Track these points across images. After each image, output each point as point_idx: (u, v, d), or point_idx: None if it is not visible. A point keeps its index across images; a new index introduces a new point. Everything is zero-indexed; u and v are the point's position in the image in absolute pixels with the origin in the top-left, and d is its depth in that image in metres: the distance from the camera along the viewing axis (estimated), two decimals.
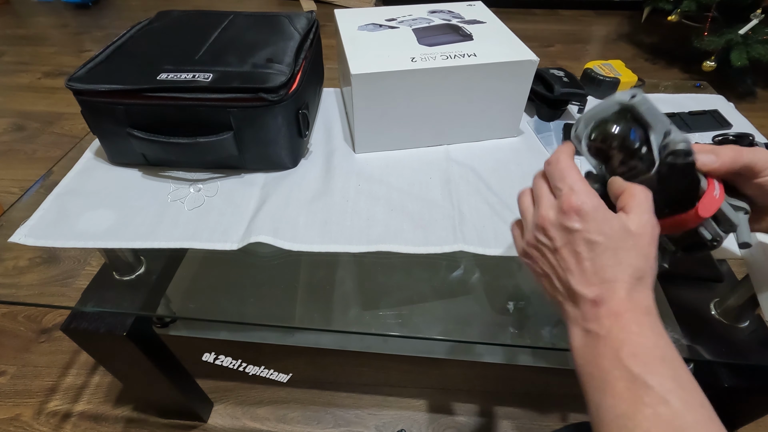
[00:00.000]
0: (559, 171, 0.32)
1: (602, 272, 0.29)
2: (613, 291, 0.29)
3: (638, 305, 0.28)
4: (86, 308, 0.49)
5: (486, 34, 0.64)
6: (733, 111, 0.73)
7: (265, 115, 0.52)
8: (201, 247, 0.50)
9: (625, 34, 2.26)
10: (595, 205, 0.30)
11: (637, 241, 0.29)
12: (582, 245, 0.30)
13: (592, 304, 0.29)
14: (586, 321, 0.29)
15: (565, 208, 0.30)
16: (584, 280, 0.30)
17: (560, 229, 0.31)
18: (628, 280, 0.29)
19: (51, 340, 0.93)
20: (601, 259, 0.29)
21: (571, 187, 0.31)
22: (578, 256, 0.30)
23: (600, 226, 0.29)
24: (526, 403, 0.85)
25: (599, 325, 0.28)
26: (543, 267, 0.33)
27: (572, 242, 0.30)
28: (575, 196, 0.30)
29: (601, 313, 0.29)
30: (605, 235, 0.29)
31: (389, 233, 0.51)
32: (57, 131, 1.54)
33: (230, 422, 0.81)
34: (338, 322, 0.50)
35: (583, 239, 0.30)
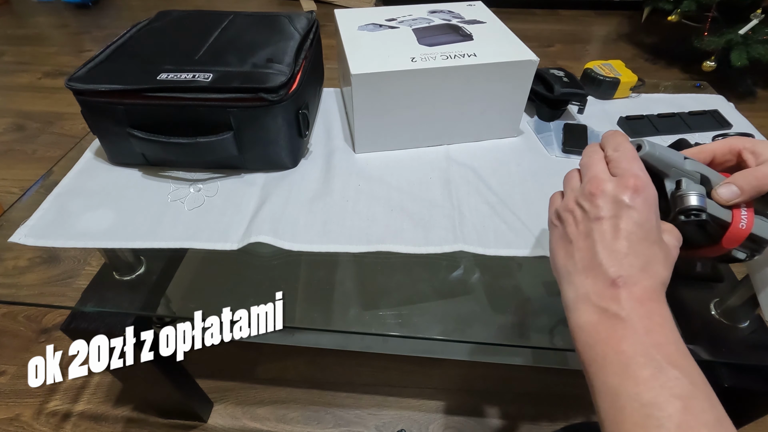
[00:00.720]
0: (625, 152, 0.32)
1: (633, 257, 0.29)
2: (639, 279, 0.28)
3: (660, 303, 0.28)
4: (86, 308, 0.49)
5: (486, 34, 0.64)
6: (733, 111, 0.73)
7: (265, 115, 0.52)
8: (201, 247, 0.50)
9: (625, 34, 2.26)
10: (655, 196, 0.30)
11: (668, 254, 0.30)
12: (628, 223, 0.29)
13: (611, 283, 0.28)
14: (602, 299, 0.28)
15: (628, 184, 0.30)
16: (613, 258, 0.29)
17: (612, 201, 0.30)
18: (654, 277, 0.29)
19: (51, 340, 0.93)
20: (639, 245, 0.29)
21: (636, 170, 0.30)
22: (619, 232, 0.29)
23: (651, 217, 0.29)
24: (526, 403, 0.85)
25: (619, 306, 0.28)
26: (571, 231, 0.32)
27: (620, 217, 0.29)
28: (640, 179, 0.30)
29: (621, 294, 0.28)
30: (651, 228, 0.29)
31: (389, 233, 0.51)
32: (57, 131, 1.54)
33: (230, 422, 0.81)
34: (338, 322, 0.50)
35: (632, 219, 0.29)
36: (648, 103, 0.75)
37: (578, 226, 0.31)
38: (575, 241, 0.31)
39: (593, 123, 0.68)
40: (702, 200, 0.32)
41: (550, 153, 0.63)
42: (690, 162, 0.34)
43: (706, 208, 0.32)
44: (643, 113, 0.70)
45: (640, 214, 0.29)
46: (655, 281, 0.29)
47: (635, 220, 0.29)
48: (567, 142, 0.64)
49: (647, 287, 0.28)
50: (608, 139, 0.34)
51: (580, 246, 0.31)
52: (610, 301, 0.28)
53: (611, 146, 0.33)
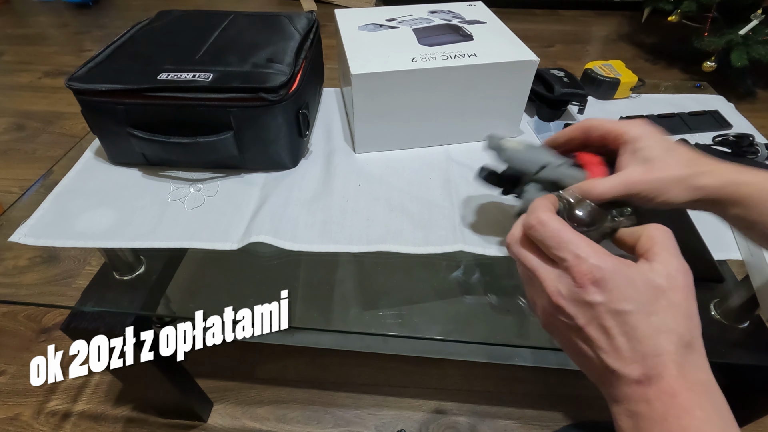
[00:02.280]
0: (555, 236, 0.27)
1: (641, 346, 0.24)
2: (662, 367, 0.24)
3: (695, 381, 0.24)
4: (86, 308, 0.49)
5: (486, 34, 0.64)
6: (734, 111, 0.73)
7: (265, 115, 0.52)
8: (201, 247, 0.50)
9: (625, 35, 2.26)
10: (612, 268, 0.25)
11: (672, 298, 0.25)
12: (609, 319, 0.25)
13: (637, 384, 0.24)
14: (632, 402, 0.25)
15: (578, 280, 0.25)
16: (621, 358, 0.25)
17: (579, 306, 0.26)
18: (675, 350, 0.24)
19: (51, 339, 0.93)
20: (636, 331, 0.24)
21: (576, 254, 0.26)
22: (608, 332, 0.25)
23: (625, 292, 0.25)
24: (526, 403, 0.85)
25: (650, 408, 0.24)
26: (569, 347, 0.28)
27: (597, 318, 0.25)
28: (585, 263, 0.25)
29: (650, 394, 0.24)
30: (634, 301, 0.25)
31: (389, 233, 0.51)
32: (57, 131, 1.54)
33: (230, 422, 0.81)
34: (338, 322, 0.50)
35: (609, 311, 0.25)
36: (648, 103, 0.75)
37: (571, 338, 0.27)
38: (576, 355, 0.28)
39: None
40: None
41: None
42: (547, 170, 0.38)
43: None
44: (643, 114, 0.70)
45: (613, 300, 0.25)
46: (678, 353, 0.24)
47: (615, 309, 0.25)
48: None
49: (674, 374, 0.24)
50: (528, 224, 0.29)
51: (587, 356, 0.27)
52: (640, 404, 0.24)
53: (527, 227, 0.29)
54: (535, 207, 0.29)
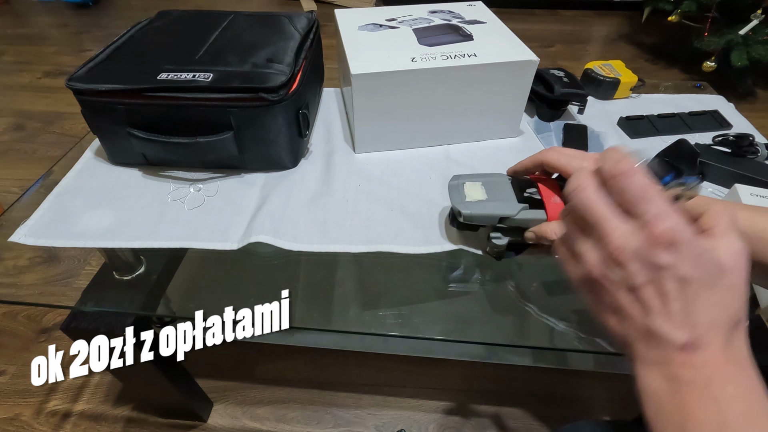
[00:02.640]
0: (638, 190, 0.25)
1: (696, 315, 0.24)
2: (711, 338, 0.24)
3: (739, 357, 0.25)
4: (86, 308, 0.49)
5: (486, 34, 0.64)
6: (734, 111, 0.73)
7: (265, 115, 0.52)
8: (201, 247, 0.50)
9: (625, 35, 2.26)
10: (688, 236, 0.24)
11: (731, 279, 0.25)
12: (672, 283, 0.24)
13: (682, 349, 0.24)
14: (673, 365, 0.25)
15: (653, 239, 0.24)
16: (672, 322, 0.25)
17: (644, 264, 0.25)
18: (726, 327, 0.25)
19: (51, 339, 0.93)
20: (695, 300, 0.24)
21: (658, 212, 0.24)
22: (665, 296, 0.25)
23: (697, 260, 0.24)
24: (526, 403, 0.85)
25: (694, 374, 0.24)
26: (610, 303, 0.27)
27: (659, 279, 0.25)
28: (665, 224, 0.24)
29: (695, 361, 0.24)
30: (701, 271, 0.24)
31: (389, 233, 0.51)
32: (57, 131, 1.54)
33: (230, 422, 0.81)
34: (338, 322, 0.50)
35: (675, 276, 0.24)
36: (648, 103, 0.75)
37: (617, 296, 0.26)
38: (620, 311, 0.27)
39: (593, 123, 0.68)
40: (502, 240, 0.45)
41: None
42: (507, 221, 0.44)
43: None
44: (643, 114, 0.70)
45: (683, 266, 0.24)
46: (727, 330, 0.25)
47: (682, 276, 0.24)
48: (567, 142, 0.64)
49: (721, 346, 0.24)
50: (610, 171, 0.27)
51: (629, 315, 0.26)
52: (683, 368, 0.25)
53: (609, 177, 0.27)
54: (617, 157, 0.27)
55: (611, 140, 0.66)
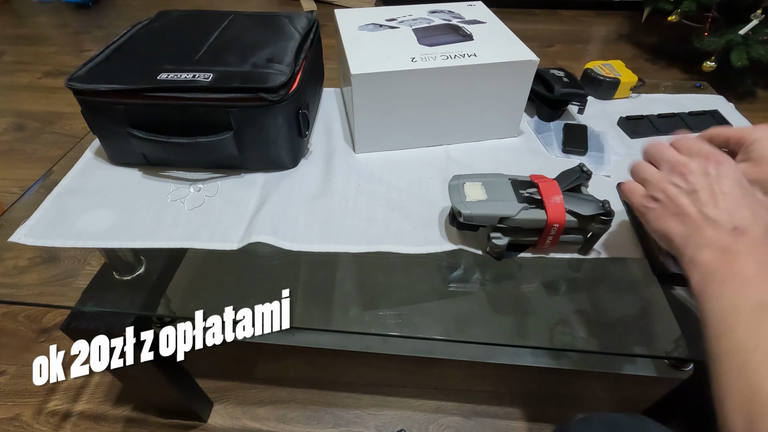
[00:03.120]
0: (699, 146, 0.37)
1: (740, 211, 0.33)
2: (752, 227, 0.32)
3: None
4: (86, 308, 0.49)
5: (486, 34, 0.64)
6: (734, 111, 0.73)
7: (265, 115, 0.52)
8: (201, 247, 0.50)
9: (625, 35, 2.26)
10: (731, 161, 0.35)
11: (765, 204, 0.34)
12: (723, 186, 0.34)
13: (731, 231, 0.32)
14: (723, 242, 0.32)
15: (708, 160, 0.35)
16: (725, 213, 0.33)
17: (702, 175, 0.35)
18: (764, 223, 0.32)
19: (51, 339, 0.93)
20: (741, 200, 0.33)
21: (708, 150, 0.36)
22: (716, 196, 0.34)
23: (740, 177, 0.34)
24: (526, 403, 0.85)
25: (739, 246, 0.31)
26: (674, 205, 0.36)
27: (713, 184, 0.34)
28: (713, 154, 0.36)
29: (740, 239, 0.31)
30: (744, 185, 0.34)
31: (389, 233, 0.51)
32: (57, 131, 1.54)
33: (230, 422, 0.81)
34: (338, 322, 0.50)
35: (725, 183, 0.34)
36: (648, 103, 0.75)
37: (679, 199, 0.35)
38: (682, 211, 0.35)
39: (593, 123, 0.68)
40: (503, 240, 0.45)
41: (550, 153, 0.63)
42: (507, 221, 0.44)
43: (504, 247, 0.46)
44: (643, 113, 0.70)
45: (729, 179, 0.34)
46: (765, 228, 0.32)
47: (728, 183, 0.34)
48: (567, 142, 0.64)
49: (761, 233, 0.31)
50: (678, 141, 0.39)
51: (689, 212, 0.34)
52: (731, 242, 0.32)
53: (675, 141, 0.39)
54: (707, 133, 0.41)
55: (611, 140, 0.66)
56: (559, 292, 0.53)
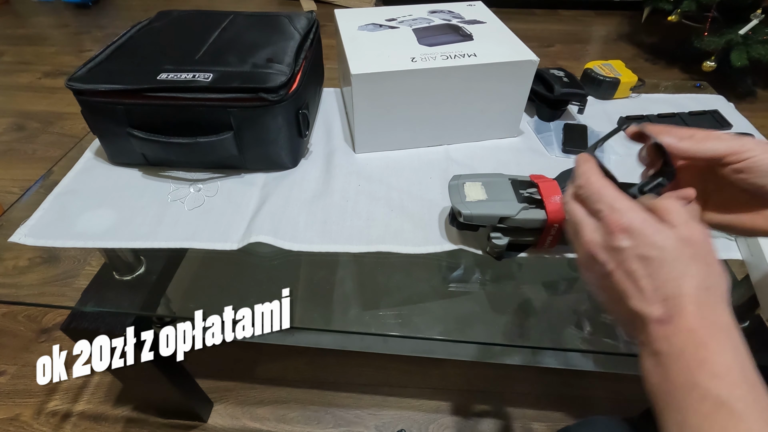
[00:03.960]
0: (593, 192, 0.30)
1: (663, 288, 0.26)
2: (681, 306, 0.26)
3: (714, 321, 0.26)
4: (86, 308, 0.49)
5: (486, 34, 0.64)
6: (733, 111, 0.73)
7: (265, 115, 0.52)
8: (201, 247, 0.50)
9: (625, 34, 2.26)
10: (640, 219, 0.28)
11: (695, 250, 0.27)
12: (635, 263, 0.27)
13: (659, 323, 0.26)
14: (655, 341, 0.27)
15: (610, 228, 0.28)
16: (645, 300, 0.27)
17: (609, 251, 0.28)
18: (695, 292, 0.26)
19: (51, 340, 0.93)
20: (659, 274, 0.27)
21: (611, 206, 0.29)
22: (633, 275, 0.27)
23: (652, 239, 0.27)
24: (526, 403, 0.85)
25: (670, 345, 0.26)
26: (604, 293, 0.30)
27: (624, 262, 0.28)
28: (617, 215, 0.28)
29: (670, 331, 0.26)
30: (659, 248, 0.27)
31: (389, 233, 0.51)
32: (57, 131, 1.54)
33: (230, 422, 0.81)
34: (338, 322, 0.50)
35: (636, 256, 0.27)
36: (648, 103, 0.75)
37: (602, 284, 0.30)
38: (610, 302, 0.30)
39: (593, 123, 0.68)
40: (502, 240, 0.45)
41: (550, 153, 0.63)
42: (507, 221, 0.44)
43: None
44: (643, 113, 0.70)
45: (641, 246, 0.27)
46: (698, 295, 0.26)
47: (641, 254, 0.27)
48: (567, 142, 0.64)
49: (693, 312, 0.26)
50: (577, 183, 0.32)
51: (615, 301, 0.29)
52: (661, 342, 0.26)
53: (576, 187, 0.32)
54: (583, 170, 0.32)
55: (611, 140, 0.66)
56: (559, 292, 0.53)
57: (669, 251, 0.27)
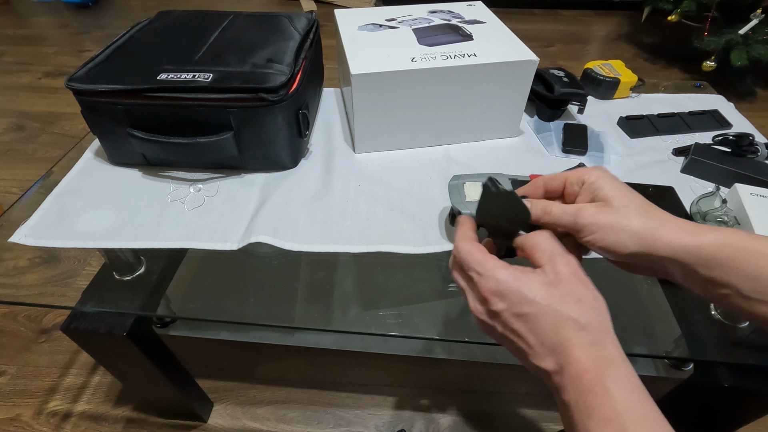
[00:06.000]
0: (464, 260, 0.31)
1: (547, 341, 0.27)
2: (567, 354, 0.26)
3: (599, 361, 0.26)
4: (86, 308, 0.49)
5: (486, 34, 0.64)
6: (733, 111, 0.73)
7: (265, 115, 0.52)
8: (201, 247, 0.50)
9: (625, 34, 2.26)
10: (506, 278, 0.29)
11: (564, 289, 0.28)
12: (516, 322, 0.28)
13: (555, 374, 0.27)
14: (557, 392, 0.27)
15: (484, 295, 0.29)
16: (538, 355, 0.28)
17: (492, 317, 0.30)
18: (574, 336, 0.26)
19: (51, 340, 0.93)
20: (538, 328, 0.27)
21: (478, 272, 0.30)
22: (519, 334, 0.28)
23: (521, 296, 0.28)
24: (526, 403, 0.85)
25: (567, 394, 0.26)
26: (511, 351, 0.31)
27: (507, 323, 0.29)
28: (484, 280, 0.29)
29: (565, 381, 0.26)
30: (530, 302, 0.28)
31: (389, 233, 0.51)
32: (57, 131, 1.54)
33: (230, 422, 0.81)
34: (338, 322, 0.50)
35: (513, 315, 0.28)
36: (648, 103, 0.75)
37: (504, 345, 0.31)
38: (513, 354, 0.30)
39: (593, 123, 0.68)
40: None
41: (550, 153, 0.63)
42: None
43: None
44: (643, 113, 0.70)
45: (513, 305, 0.28)
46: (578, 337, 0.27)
47: (517, 313, 0.28)
48: (567, 142, 0.64)
49: (580, 358, 0.26)
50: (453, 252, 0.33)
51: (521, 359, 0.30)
52: (562, 392, 0.27)
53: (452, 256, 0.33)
54: (457, 235, 0.33)
55: (611, 140, 0.66)
56: None
57: (540, 302, 0.27)
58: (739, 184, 0.52)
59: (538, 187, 0.35)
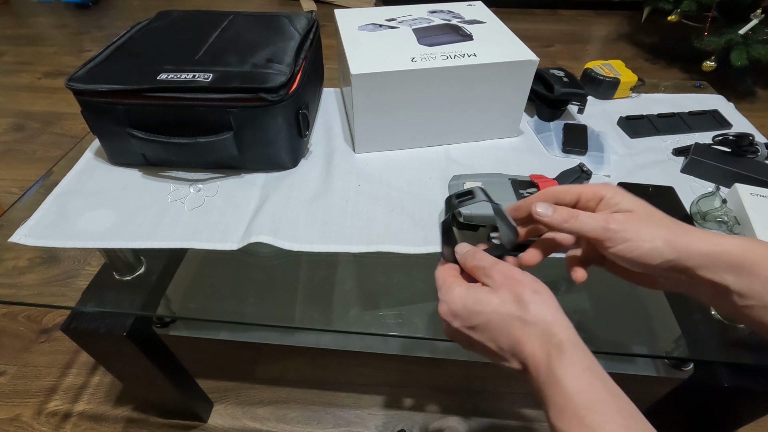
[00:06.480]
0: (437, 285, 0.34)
1: (504, 344, 0.29)
2: (524, 351, 0.28)
3: (549, 350, 0.27)
4: (86, 308, 0.49)
5: (486, 34, 0.64)
6: (733, 111, 0.73)
7: (265, 115, 0.52)
8: (201, 247, 0.50)
9: (625, 34, 2.26)
10: (453, 299, 0.31)
11: (502, 294, 0.29)
12: (474, 334, 0.30)
13: (523, 373, 0.29)
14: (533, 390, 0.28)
15: (444, 316, 0.31)
16: (504, 359, 0.30)
17: (455, 334, 0.32)
18: (524, 332, 0.28)
19: (51, 340, 0.93)
20: (492, 333, 0.29)
21: (440, 296, 0.32)
22: (481, 345, 0.30)
23: (468, 310, 0.30)
24: (526, 403, 0.85)
25: (534, 389, 0.28)
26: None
27: (469, 337, 0.31)
28: (441, 304, 0.32)
29: (530, 377, 0.28)
30: (476, 313, 0.30)
31: (389, 233, 0.51)
32: (57, 131, 1.54)
33: (230, 422, 0.81)
34: (338, 322, 0.50)
35: (468, 329, 0.30)
36: (648, 103, 0.75)
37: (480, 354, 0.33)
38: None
39: (593, 123, 0.68)
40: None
41: (550, 153, 0.63)
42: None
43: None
44: (643, 113, 0.70)
45: (466, 321, 0.30)
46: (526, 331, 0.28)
47: (472, 326, 0.30)
48: (567, 142, 0.64)
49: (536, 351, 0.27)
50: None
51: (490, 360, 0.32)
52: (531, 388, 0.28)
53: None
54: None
55: (611, 140, 0.66)
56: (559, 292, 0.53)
57: (484, 311, 0.30)
58: (739, 184, 0.52)
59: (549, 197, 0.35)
